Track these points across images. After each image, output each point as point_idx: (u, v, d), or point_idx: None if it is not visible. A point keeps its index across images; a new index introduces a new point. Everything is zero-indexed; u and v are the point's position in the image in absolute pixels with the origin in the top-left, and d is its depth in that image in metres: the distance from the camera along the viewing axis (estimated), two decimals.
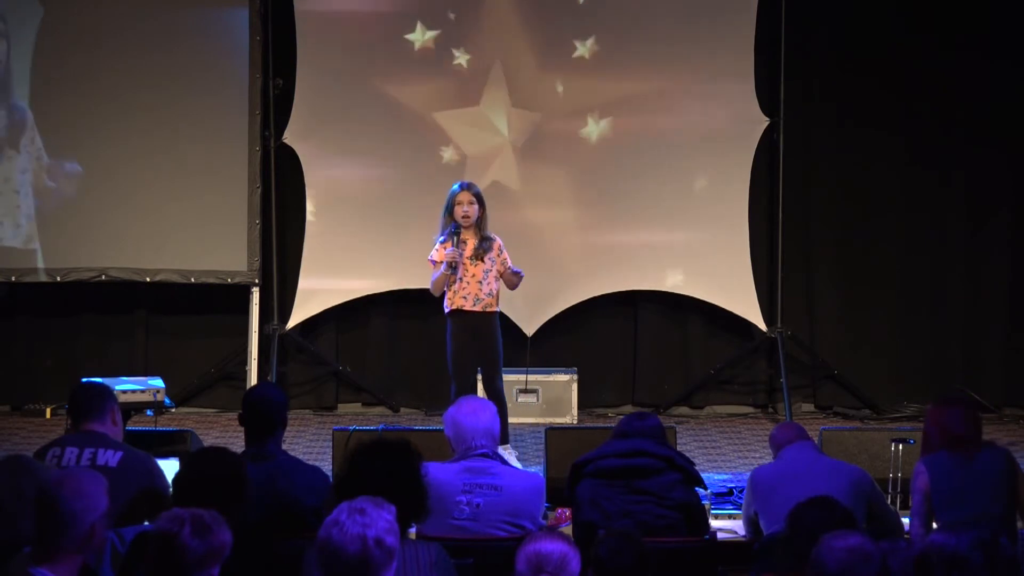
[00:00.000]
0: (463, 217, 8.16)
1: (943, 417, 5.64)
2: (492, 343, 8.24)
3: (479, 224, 8.22)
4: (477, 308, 8.19)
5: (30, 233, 10.12)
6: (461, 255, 8.14)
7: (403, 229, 10.22)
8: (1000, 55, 10.41)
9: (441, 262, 8.16)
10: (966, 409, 5.70)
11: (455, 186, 8.31)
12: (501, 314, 8.61)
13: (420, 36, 10.13)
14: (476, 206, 8.19)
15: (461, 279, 8.17)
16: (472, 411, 5.56)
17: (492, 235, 8.29)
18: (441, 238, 8.23)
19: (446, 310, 8.26)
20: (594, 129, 10.25)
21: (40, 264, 10.10)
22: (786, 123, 10.28)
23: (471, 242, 8.20)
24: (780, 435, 5.84)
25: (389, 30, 10.15)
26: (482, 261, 8.20)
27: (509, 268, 8.28)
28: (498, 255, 8.26)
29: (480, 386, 8.58)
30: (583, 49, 10.18)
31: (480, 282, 8.18)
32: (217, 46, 10.16)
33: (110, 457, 5.17)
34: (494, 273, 8.23)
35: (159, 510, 4.84)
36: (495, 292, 8.25)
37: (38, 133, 10.08)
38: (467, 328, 8.21)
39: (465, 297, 8.18)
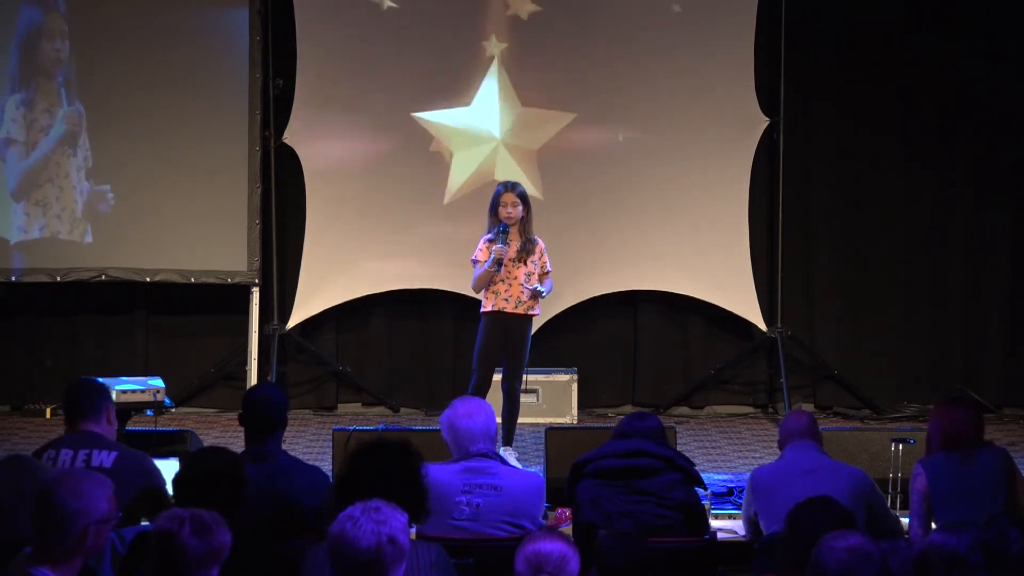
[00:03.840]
0: (507, 218, 8.08)
1: (944, 417, 5.64)
2: (521, 343, 8.18)
3: (523, 225, 8.16)
4: (519, 311, 8.14)
5: (84, 229, 10.16)
6: (507, 251, 8.06)
7: (403, 229, 10.23)
8: (1000, 54, 10.41)
9: (485, 260, 8.11)
10: (967, 409, 5.70)
11: (499, 187, 8.23)
12: None
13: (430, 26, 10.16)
14: (520, 207, 8.10)
15: (504, 280, 8.12)
16: (468, 413, 5.54)
17: (536, 237, 8.23)
18: (488, 236, 8.17)
19: (483, 309, 8.20)
20: (594, 128, 10.25)
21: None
22: (786, 123, 10.29)
23: (514, 243, 8.11)
24: (791, 423, 5.79)
25: (389, 29, 10.16)
26: (524, 264, 8.13)
27: (548, 272, 8.24)
28: (539, 258, 8.21)
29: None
30: (584, 49, 10.19)
31: (522, 284, 8.11)
32: (217, 46, 10.16)
33: (104, 458, 5.15)
34: (536, 276, 8.18)
35: (156, 509, 4.84)
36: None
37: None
38: (500, 326, 8.15)
39: (507, 299, 8.10)
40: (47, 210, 10.11)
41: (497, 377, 8.30)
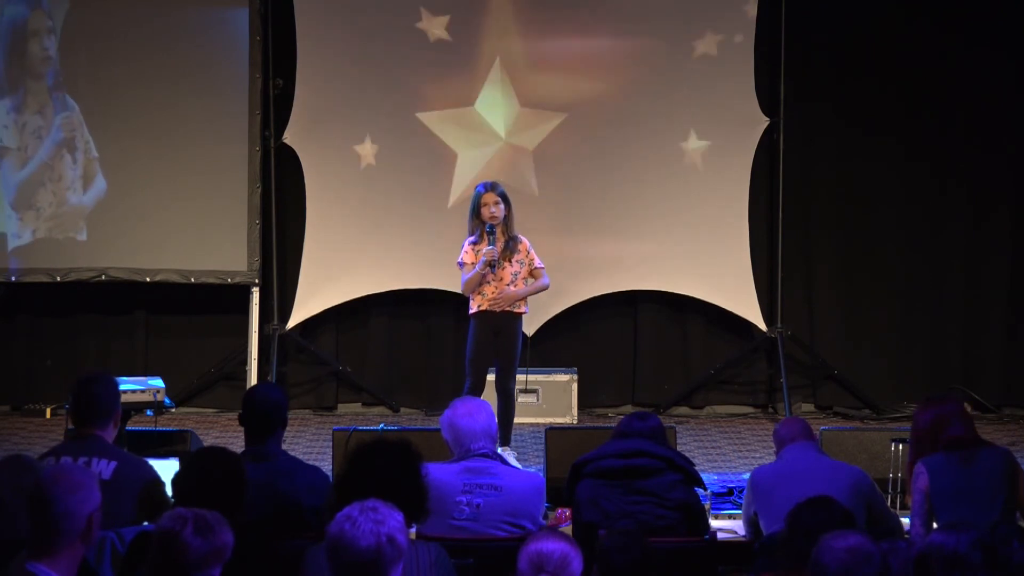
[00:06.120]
0: (491, 218, 8.06)
1: (935, 419, 5.62)
2: (512, 342, 8.17)
3: (505, 224, 8.13)
4: (507, 309, 8.15)
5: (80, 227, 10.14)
6: (497, 252, 8.06)
7: (404, 229, 10.23)
8: (1000, 54, 10.42)
9: (473, 264, 8.09)
10: (956, 408, 5.68)
11: (479, 187, 8.21)
12: None
13: (430, 26, 10.14)
14: (502, 206, 8.08)
15: (490, 281, 8.10)
16: (468, 412, 5.54)
17: (519, 236, 8.21)
18: (471, 239, 8.16)
19: (472, 311, 8.21)
20: (594, 129, 10.25)
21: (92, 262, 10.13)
22: (786, 123, 10.29)
23: (499, 243, 8.09)
24: (784, 430, 5.81)
25: (390, 28, 10.16)
26: (510, 263, 8.12)
27: (540, 268, 8.20)
28: (526, 256, 8.19)
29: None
30: (584, 48, 10.19)
31: (509, 285, 8.12)
32: (217, 46, 10.16)
33: (104, 467, 5.06)
34: (523, 275, 8.16)
35: (156, 512, 4.83)
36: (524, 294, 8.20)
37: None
38: (490, 327, 8.15)
39: (494, 300, 8.13)
40: (40, 213, 10.07)
41: (492, 378, 8.30)
